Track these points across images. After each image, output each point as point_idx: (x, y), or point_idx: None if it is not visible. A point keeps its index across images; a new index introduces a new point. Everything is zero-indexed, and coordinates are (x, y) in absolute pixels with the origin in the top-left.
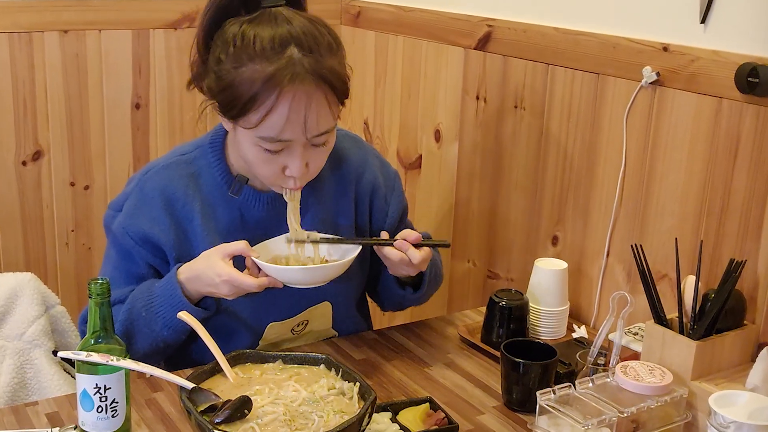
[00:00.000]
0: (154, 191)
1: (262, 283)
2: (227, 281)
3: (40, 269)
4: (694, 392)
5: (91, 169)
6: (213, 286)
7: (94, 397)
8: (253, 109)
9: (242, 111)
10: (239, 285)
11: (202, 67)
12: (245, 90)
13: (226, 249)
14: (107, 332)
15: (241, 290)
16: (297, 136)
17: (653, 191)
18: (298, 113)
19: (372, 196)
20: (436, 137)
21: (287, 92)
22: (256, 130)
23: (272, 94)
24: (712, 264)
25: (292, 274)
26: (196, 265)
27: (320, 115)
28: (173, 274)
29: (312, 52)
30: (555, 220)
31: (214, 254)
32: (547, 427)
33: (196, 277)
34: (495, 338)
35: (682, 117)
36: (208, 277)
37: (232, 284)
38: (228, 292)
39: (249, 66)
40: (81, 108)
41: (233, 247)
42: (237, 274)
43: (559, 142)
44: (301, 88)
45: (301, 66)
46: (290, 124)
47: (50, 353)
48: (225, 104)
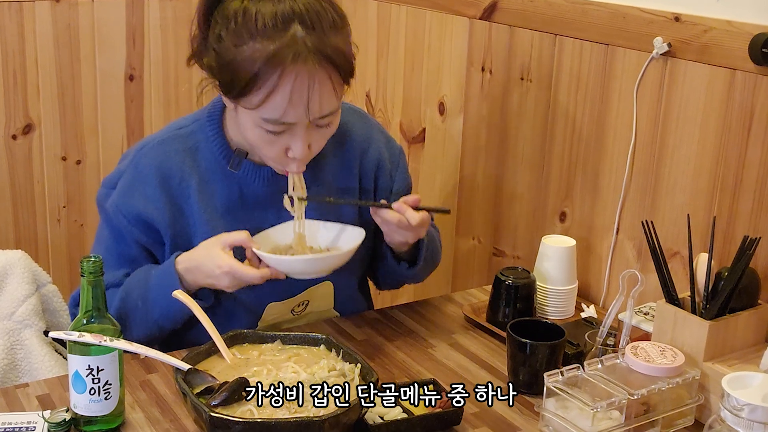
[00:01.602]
0: (149, 168)
1: (263, 274)
2: (228, 273)
3: (30, 247)
4: (706, 374)
5: (84, 143)
6: (213, 278)
7: (87, 378)
8: (254, 89)
9: (243, 91)
10: (240, 277)
11: (203, 43)
12: (246, 69)
13: (227, 239)
14: (100, 312)
15: (242, 282)
16: (300, 119)
17: (664, 166)
18: (300, 95)
19: (377, 173)
20: (441, 110)
21: (289, 72)
22: (258, 111)
23: (274, 75)
24: (725, 241)
25: (295, 264)
26: (195, 255)
27: (324, 97)
28: (171, 264)
29: (315, 29)
30: (563, 196)
31: (214, 244)
32: (554, 410)
33: (195, 268)
34: (501, 318)
35: (694, 89)
36: (208, 269)
37: (233, 276)
38: (228, 284)
39: (250, 44)
40: (73, 80)
41: (234, 237)
42: (238, 265)
43: (567, 116)
44: (303, 69)
45: (303, 45)
46: (293, 105)
47: (41, 333)
48: (225, 84)
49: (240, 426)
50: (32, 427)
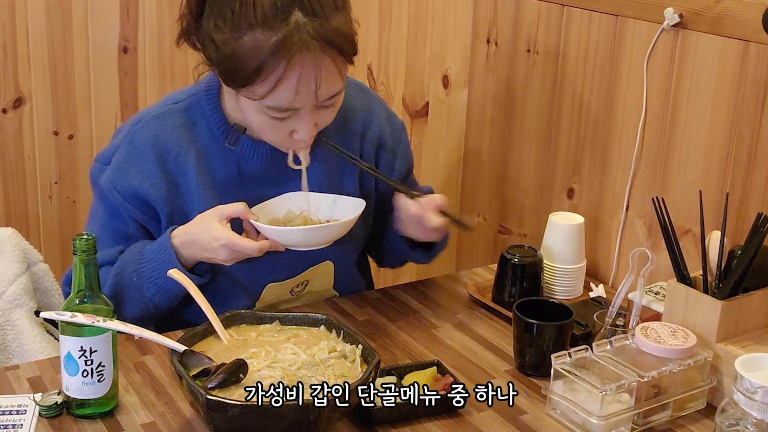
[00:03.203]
0: (144, 143)
1: (262, 246)
2: (225, 245)
3: (21, 224)
4: (719, 355)
5: (76, 117)
6: (210, 251)
7: (79, 360)
8: (258, 81)
9: (246, 83)
10: (239, 249)
11: (194, 25)
12: (249, 62)
13: (224, 211)
14: (93, 291)
15: (241, 255)
16: (306, 104)
17: (675, 141)
18: (307, 83)
19: (378, 149)
20: (444, 83)
21: (295, 63)
22: (263, 101)
23: (279, 66)
24: (738, 218)
25: (293, 235)
26: (191, 228)
27: (330, 81)
28: (167, 238)
29: (317, 14)
30: (570, 172)
31: (211, 216)
32: (562, 393)
33: (191, 242)
34: (507, 298)
35: (706, 61)
36: (204, 241)
37: (230, 249)
38: (226, 257)
39: (250, 35)
40: (65, 52)
41: (231, 208)
42: (236, 237)
43: (575, 89)
44: (309, 57)
45: (306, 33)
46: (299, 93)
47: (32, 314)
48: (227, 75)
49: (237, 409)
50: (23, 410)
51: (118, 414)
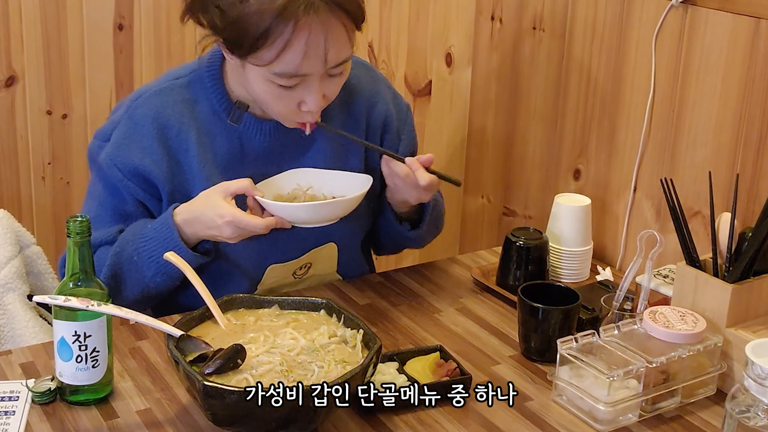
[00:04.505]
0: (145, 119)
1: (269, 223)
2: (230, 222)
3: (13, 206)
4: (729, 340)
5: (70, 96)
6: (215, 228)
7: (73, 345)
8: (265, 46)
9: (252, 48)
10: (244, 226)
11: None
12: (255, 25)
13: (229, 187)
14: (87, 275)
15: (246, 232)
16: (315, 70)
17: (684, 121)
18: (316, 47)
19: (383, 129)
20: (448, 62)
21: (303, 25)
22: (270, 67)
23: (286, 29)
24: (749, 200)
25: (300, 211)
26: (194, 205)
27: (339, 45)
28: (169, 215)
29: None
30: (577, 152)
31: (215, 193)
32: (568, 379)
33: (195, 219)
34: (511, 281)
35: (716, 39)
36: (208, 219)
37: (236, 225)
38: (231, 235)
39: None
40: (59, 29)
41: (236, 185)
42: (241, 214)
43: (582, 67)
44: (316, 19)
45: None
46: (308, 58)
47: (25, 297)
48: (232, 42)
49: (235, 396)
50: (15, 396)
51: (112, 400)
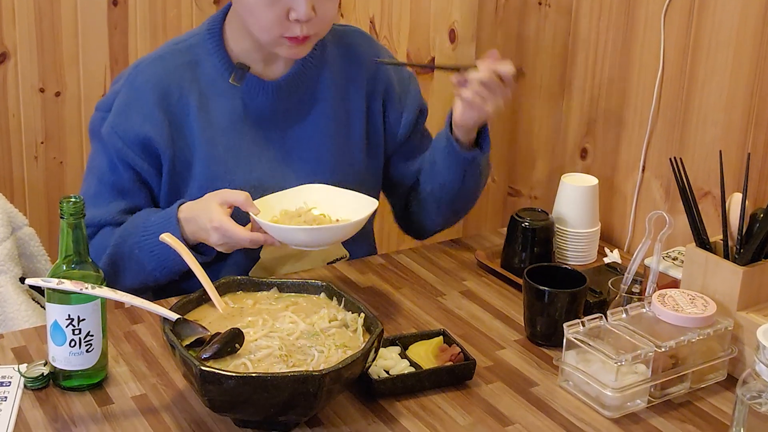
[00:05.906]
0: (146, 84)
1: (255, 238)
2: (218, 229)
3: (5, 186)
4: (740, 324)
5: (63, 73)
6: (204, 231)
7: (67, 329)
8: None
9: None
10: (230, 236)
11: None
12: None
13: (226, 197)
14: (81, 257)
15: (232, 242)
16: None
17: (694, 98)
18: None
19: (385, 96)
20: (451, 37)
21: None
22: None
23: None
24: (760, 180)
25: (294, 234)
26: (196, 205)
27: None
28: (174, 209)
29: None
30: (584, 131)
31: (213, 198)
32: (575, 363)
33: (192, 219)
34: (517, 263)
35: (726, 15)
36: (201, 221)
37: (222, 233)
38: (218, 241)
39: None
40: (51, 4)
41: (234, 196)
42: (229, 223)
43: (589, 44)
44: None
45: None
46: None
47: (17, 280)
48: None
49: (233, 381)
50: (7, 381)
51: (107, 386)
